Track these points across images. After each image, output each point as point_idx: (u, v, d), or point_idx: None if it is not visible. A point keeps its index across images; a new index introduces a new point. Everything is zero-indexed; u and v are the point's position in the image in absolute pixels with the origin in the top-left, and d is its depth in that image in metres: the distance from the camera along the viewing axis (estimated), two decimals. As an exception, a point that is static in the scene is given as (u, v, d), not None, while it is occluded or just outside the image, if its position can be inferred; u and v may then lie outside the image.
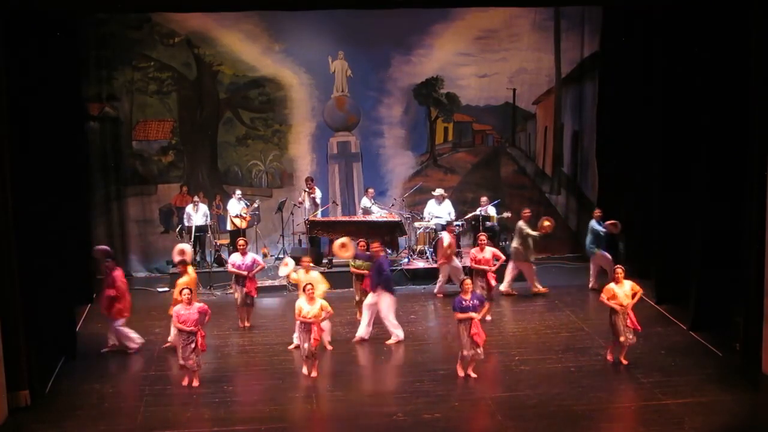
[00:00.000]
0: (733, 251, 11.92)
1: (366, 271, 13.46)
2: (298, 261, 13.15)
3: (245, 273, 13.45)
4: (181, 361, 11.04)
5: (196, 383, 11.12)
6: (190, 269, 12.68)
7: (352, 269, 13.68)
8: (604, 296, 11.71)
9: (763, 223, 11.00)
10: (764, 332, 11.10)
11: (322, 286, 12.06)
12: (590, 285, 15.29)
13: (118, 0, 12.23)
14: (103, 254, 13.41)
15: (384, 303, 12.65)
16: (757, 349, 11.22)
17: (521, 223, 14.96)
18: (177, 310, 11.05)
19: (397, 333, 12.75)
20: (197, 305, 11.09)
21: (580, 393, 10.82)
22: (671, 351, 12.15)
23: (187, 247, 13.84)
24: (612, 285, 11.69)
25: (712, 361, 11.77)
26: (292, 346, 12.42)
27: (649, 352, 12.05)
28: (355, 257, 13.50)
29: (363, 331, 12.84)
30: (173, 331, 11.81)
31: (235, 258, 13.67)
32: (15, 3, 10.54)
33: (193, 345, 10.94)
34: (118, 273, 12.49)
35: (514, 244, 14.99)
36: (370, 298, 12.80)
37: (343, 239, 13.68)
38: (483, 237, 13.93)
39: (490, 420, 10.25)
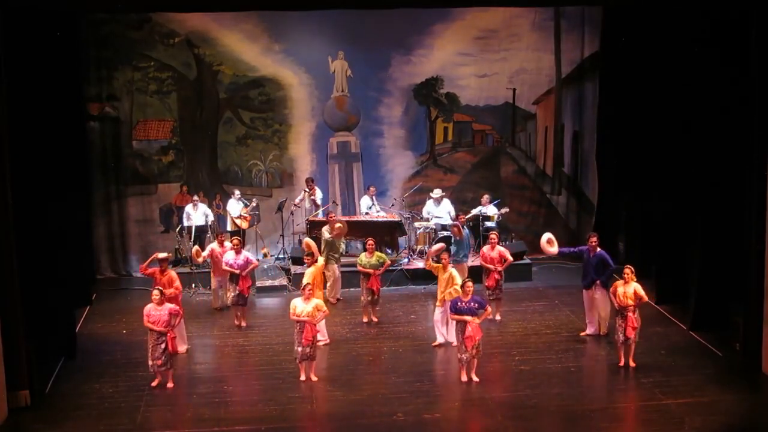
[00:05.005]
0: (733, 251, 11.92)
1: (371, 270, 13.41)
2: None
3: (238, 271, 13.45)
4: (151, 362, 11.04)
5: (170, 384, 11.14)
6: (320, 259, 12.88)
7: (360, 268, 13.66)
8: (610, 292, 11.75)
9: (763, 224, 11.01)
10: (764, 332, 11.12)
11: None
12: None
13: (118, 0, 12.24)
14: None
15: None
16: (757, 349, 11.24)
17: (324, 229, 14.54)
18: (148, 309, 11.02)
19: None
20: (168, 306, 11.07)
21: (580, 393, 10.84)
22: (671, 351, 12.15)
23: (311, 242, 13.23)
24: (619, 283, 11.62)
25: (712, 361, 11.76)
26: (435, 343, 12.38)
27: (649, 352, 12.03)
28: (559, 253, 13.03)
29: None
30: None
31: (229, 256, 13.67)
32: (15, 1, 10.55)
33: (163, 345, 10.94)
34: None
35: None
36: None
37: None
38: (494, 236, 13.83)
39: (490, 420, 10.25)
